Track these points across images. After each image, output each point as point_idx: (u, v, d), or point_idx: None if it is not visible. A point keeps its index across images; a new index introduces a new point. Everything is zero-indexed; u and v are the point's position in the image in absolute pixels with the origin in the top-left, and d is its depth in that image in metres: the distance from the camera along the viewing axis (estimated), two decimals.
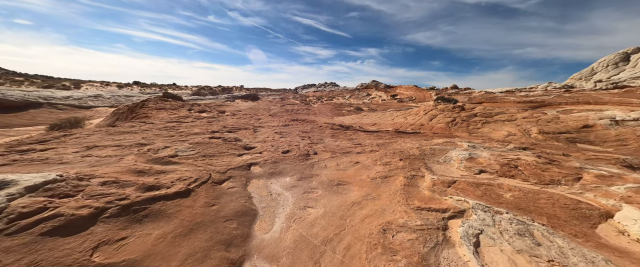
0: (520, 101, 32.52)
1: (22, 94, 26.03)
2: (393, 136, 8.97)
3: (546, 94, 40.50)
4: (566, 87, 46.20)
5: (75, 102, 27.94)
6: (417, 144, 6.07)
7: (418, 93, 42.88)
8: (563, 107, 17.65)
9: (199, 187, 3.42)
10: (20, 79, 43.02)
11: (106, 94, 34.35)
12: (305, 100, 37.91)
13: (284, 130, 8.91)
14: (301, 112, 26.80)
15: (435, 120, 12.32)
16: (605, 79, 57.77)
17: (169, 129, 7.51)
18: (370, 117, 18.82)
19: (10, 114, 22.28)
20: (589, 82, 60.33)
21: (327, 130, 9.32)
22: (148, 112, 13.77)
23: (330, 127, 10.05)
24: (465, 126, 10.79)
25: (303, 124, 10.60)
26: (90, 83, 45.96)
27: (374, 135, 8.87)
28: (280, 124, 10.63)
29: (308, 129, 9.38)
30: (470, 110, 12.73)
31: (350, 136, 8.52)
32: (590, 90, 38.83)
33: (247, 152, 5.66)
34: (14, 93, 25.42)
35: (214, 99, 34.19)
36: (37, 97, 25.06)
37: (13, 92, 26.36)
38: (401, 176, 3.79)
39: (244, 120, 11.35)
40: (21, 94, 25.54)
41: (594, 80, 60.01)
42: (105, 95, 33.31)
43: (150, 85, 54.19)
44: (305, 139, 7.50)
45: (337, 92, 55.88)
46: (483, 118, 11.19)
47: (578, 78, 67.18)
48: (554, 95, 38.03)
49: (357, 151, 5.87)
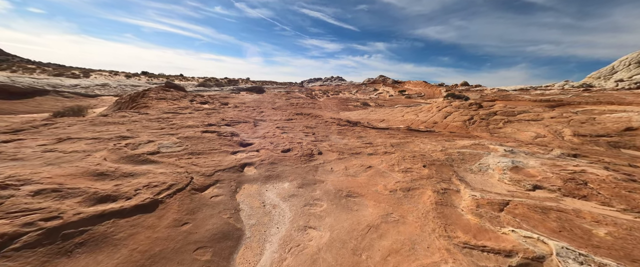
0: (536, 100, 30.95)
1: (30, 81, 25.85)
2: (406, 134, 8.07)
3: (563, 92, 38.51)
4: (585, 86, 43.90)
5: (81, 91, 27.72)
6: (439, 145, 5.19)
7: (427, 89, 41.34)
8: (583, 106, 16.31)
9: (172, 197, 2.66)
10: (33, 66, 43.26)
11: (113, 84, 34.09)
12: (311, 94, 36.97)
13: (287, 125, 8.11)
14: (306, 106, 25.94)
15: (450, 118, 11.31)
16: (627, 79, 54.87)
17: (161, 121, 6.80)
18: (378, 113, 17.85)
19: (17, 100, 22.10)
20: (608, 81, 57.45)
21: (334, 126, 8.48)
22: (148, 102, 13.16)
23: (337, 122, 9.21)
24: (485, 125, 9.78)
25: (307, 119, 9.78)
26: (99, 72, 45.95)
27: (385, 133, 8.00)
28: (283, 118, 9.84)
29: (313, 125, 8.56)
30: (489, 108, 11.66)
31: (358, 133, 7.67)
32: (612, 89, 36.67)
33: (242, 150, 4.90)
34: (23, 80, 25.25)
35: (219, 90, 33.59)
36: (44, 84, 24.85)
37: (23, 79, 26.19)
38: (429, 190, 2.95)
39: (246, 113, 10.60)
40: (29, 81, 25.35)
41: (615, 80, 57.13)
42: (112, 85, 33.05)
43: (157, 76, 54.03)
44: (309, 136, 6.69)
45: (343, 86, 54.62)
46: (504, 117, 10.14)
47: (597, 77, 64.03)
48: (572, 95, 36.07)
49: (368, 151, 5.03)
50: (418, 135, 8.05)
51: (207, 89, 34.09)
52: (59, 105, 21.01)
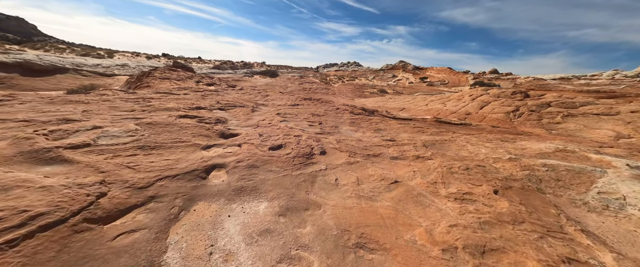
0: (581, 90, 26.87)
1: (55, 59, 26.18)
2: (438, 127, 6.35)
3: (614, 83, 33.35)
4: None
5: (101, 70, 27.83)
6: (500, 148, 3.53)
7: (452, 76, 37.71)
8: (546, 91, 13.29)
9: (25, 242, 1.37)
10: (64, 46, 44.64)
11: (132, 64, 34.12)
12: (325, 79, 34.99)
13: (290, 112, 6.68)
14: (319, 91, 24.24)
15: (488, 109, 9.27)
16: None
17: (139, 102, 5.62)
18: (397, 101, 15.86)
19: (39, 77, 22.36)
20: None
21: (346, 115, 6.92)
22: (151, 81, 12.21)
23: (350, 110, 7.61)
24: (536, 119, 7.74)
25: (316, 105, 8.26)
26: (123, 53, 46.57)
27: (410, 125, 6.33)
28: (289, 103, 8.39)
29: (321, 112, 7.05)
30: (538, 98, 9.43)
31: (376, 124, 6.08)
32: None
33: (220, 143, 3.56)
34: (49, 58, 25.60)
35: (232, 73, 32.55)
36: (67, 63, 25.02)
37: (50, 57, 26.56)
38: (531, 259, 1.44)
39: (248, 97, 9.27)
40: (53, 60, 25.62)
41: None
42: (131, 65, 33.05)
43: (177, 58, 54.16)
44: (314, 126, 5.22)
45: (360, 72, 51.69)
46: (562, 109, 7.99)
47: None
48: (625, 85, 31.07)
49: (392, 152, 3.50)
50: (454, 129, 6.30)
51: (221, 71, 33.17)
52: (77, 84, 20.95)
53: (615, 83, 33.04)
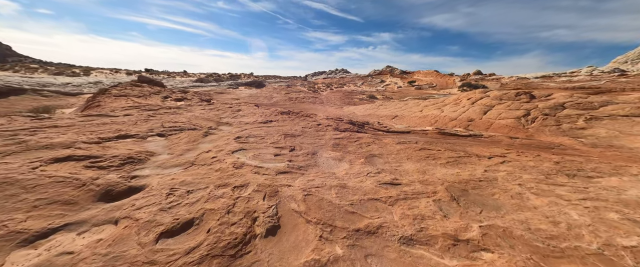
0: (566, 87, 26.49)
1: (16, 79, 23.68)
2: (448, 143, 4.83)
3: (594, 79, 33.49)
4: (618, 71, 38.52)
5: (69, 89, 25.42)
6: (596, 203, 1.99)
7: (439, 79, 37.19)
8: (629, 94, 12.49)
9: None
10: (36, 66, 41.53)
11: (107, 81, 31.69)
12: (313, 87, 33.64)
13: (256, 134, 5.03)
14: (306, 100, 22.74)
15: (493, 114, 7.93)
16: None
17: (19, 134, 3.83)
18: (388, 108, 14.49)
19: None
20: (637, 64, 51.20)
21: (329, 133, 5.33)
22: (103, 100, 10.32)
23: (335, 125, 6.04)
24: (554, 125, 6.40)
25: (294, 121, 6.65)
26: (100, 70, 43.81)
27: (412, 142, 4.78)
28: (261, 119, 6.74)
29: (298, 131, 5.43)
30: (546, 99, 8.18)
31: (367, 146, 4.50)
32: None
33: (76, 222, 1.87)
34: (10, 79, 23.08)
35: (215, 86, 30.70)
36: (24, 83, 22.55)
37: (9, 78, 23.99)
38: None
39: (213, 114, 7.56)
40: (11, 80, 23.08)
41: None
42: (105, 82, 30.64)
43: (160, 72, 51.82)
44: (281, 157, 3.57)
45: (348, 78, 50.82)
46: (580, 111, 6.71)
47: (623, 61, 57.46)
48: (605, 81, 31.11)
49: (400, 220, 1.90)
50: (468, 145, 4.80)
51: (203, 84, 31.27)
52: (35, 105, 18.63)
53: (596, 79, 33.25)
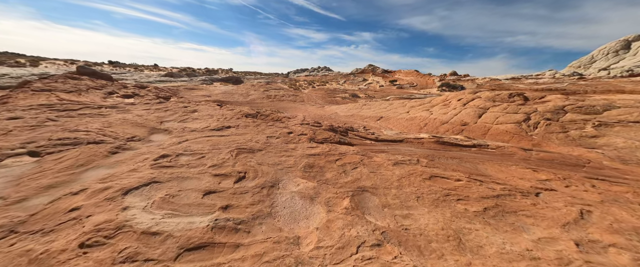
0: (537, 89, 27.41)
1: None
2: (461, 162, 3.63)
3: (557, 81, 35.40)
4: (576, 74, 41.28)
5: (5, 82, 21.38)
6: None
7: (419, 79, 37.22)
8: (591, 95, 12.65)
9: None
10: None
11: (55, 72, 27.40)
12: (294, 84, 31.93)
13: (195, 149, 3.46)
14: (286, 98, 21.07)
15: (489, 118, 7.01)
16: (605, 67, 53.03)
17: None
18: (372, 108, 13.38)
19: None
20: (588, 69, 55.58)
21: (301, 146, 3.91)
22: (17, 95, 7.96)
23: (311, 134, 4.62)
24: (560, 131, 5.54)
25: (260, 126, 5.11)
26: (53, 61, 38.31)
27: (415, 166, 3.51)
28: (215, 124, 5.13)
29: (260, 142, 3.94)
30: (541, 101, 7.44)
31: (354, 167, 3.15)
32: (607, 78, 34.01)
33: None
34: None
35: (186, 81, 27.82)
36: None
37: None
38: None
39: (155, 115, 5.79)
40: None
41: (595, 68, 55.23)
42: (51, 73, 26.39)
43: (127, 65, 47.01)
44: (202, 210, 2.08)
45: (330, 76, 49.60)
46: (584, 116, 5.93)
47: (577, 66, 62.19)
48: (567, 83, 32.90)
49: None
50: (484, 161, 3.63)
51: (174, 79, 28.20)
52: None
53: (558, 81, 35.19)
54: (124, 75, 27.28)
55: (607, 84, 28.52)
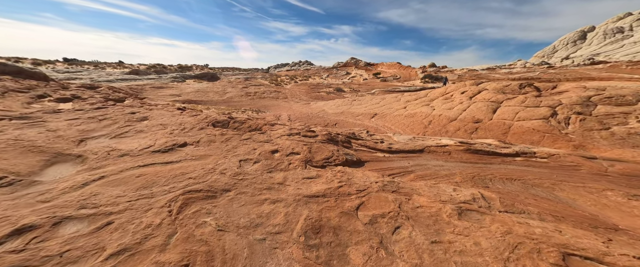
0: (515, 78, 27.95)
1: None
2: (532, 190, 2.35)
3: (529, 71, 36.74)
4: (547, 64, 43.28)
5: None
6: None
7: (402, 71, 36.76)
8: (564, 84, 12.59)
9: None
10: None
11: None
12: (276, 80, 29.90)
13: (102, 204, 1.83)
14: (267, 95, 19.18)
15: (507, 113, 5.97)
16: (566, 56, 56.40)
17: None
18: (364, 104, 12.09)
19: None
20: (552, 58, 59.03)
21: (292, 176, 2.43)
22: None
23: (305, 153, 3.14)
24: (602, 128, 4.58)
25: (229, 142, 3.52)
26: None
27: (497, 214, 2.17)
28: (162, 142, 3.45)
29: (228, 174, 2.39)
30: (555, 91, 6.55)
31: (393, 226, 1.76)
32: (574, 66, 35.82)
33: None
34: None
35: (155, 79, 24.72)
36: None
37: None
38: None
39: (76, 130, 3.97)
40: None
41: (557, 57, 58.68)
42: None
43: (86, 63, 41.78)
44: None
45: (312, 71, 47.76)
46: (621, 108, 5.04)
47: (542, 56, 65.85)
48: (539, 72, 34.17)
49: None
50: (566, 189, 2.39)
51: (139, 77, 24.92)
52: None
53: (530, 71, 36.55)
54: (80, 74, 23.54)
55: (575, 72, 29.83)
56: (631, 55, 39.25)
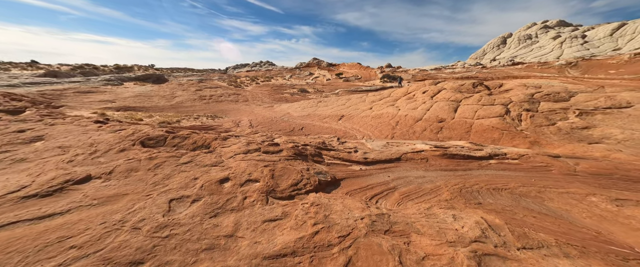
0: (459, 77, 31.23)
1: None
2: (518, 199, 2.06)
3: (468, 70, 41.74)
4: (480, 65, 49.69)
5: None
6: None
7: (363, 71, 37.97)
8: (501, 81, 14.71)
9: None
10: None
11: None
12: (235, 81, 27.77)
13: None
14: (225, 99, 17.44)
15: (467, 112, 6.15)
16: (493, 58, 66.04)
17: None
18: (330, 105, 11.69)
19: None
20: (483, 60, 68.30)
21: (247, 219, 1.69)
22: None
23: (267, 178, 2.40)
24: (548, 124, 4.91)
25: (158, 172, 2.54)
26: None
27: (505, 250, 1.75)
28: (52, 177, 2.30)
29: (145, 231, 1.50)
30: (502, 89, 7.06)
31: None
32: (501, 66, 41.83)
33: None
34: None
35: (81, 82, 20.46)
36: None
37: None
38: None
39: None
40: None
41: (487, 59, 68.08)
42: None
43: None
44: None
45: (275, 71, 46.09)
46: (559, 104, 5.54)
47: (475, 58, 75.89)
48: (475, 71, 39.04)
49: None
50: (554, 196, 2.18)
51: (57, 80, 20.27)
52: None
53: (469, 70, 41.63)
54: None
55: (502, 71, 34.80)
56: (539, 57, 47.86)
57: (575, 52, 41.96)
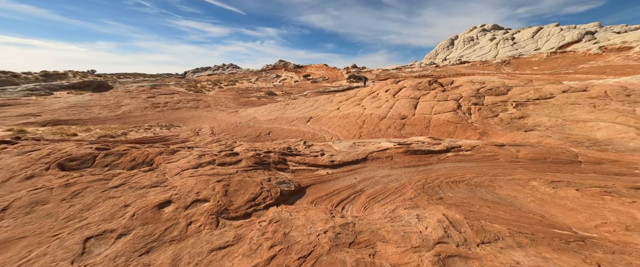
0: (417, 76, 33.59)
1: None
2: (474, 189, 2.14)
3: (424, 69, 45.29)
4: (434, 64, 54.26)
5: None
6: None
7: (330, 72, 38.52)
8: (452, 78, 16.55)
9: None
10: None
11: None
12: (195, 86, 25.73)
13: None
14: (183, 105, 15.97)
15: (426, 108, 6.52)
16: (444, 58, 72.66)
17: None
18: (297, 107, 11.47)
19: None
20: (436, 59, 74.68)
21: (189, 258, 1.40)
22: None
23: (219, 195, 2.09)
24: (493, 116, 5.44)
25: (76, 203, 2.03)
26: None
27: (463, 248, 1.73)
28: None
29: None
30: (453, 85, 7.70)
31: None
32: (451, 65, 46.26)
33: None
34: None
35: None
36: None
37: None
38: None
39: None
40: None
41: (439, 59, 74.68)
42: None
43: None
44: None
45: (239, 74, 44.05)
46: (500, 97, 6.21)
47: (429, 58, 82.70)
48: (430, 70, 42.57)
49: None
50: (504, 183, 2.32)
51: None
52: None
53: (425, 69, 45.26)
54: None
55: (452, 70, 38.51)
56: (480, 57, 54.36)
57: (507, 52, 48.55)
